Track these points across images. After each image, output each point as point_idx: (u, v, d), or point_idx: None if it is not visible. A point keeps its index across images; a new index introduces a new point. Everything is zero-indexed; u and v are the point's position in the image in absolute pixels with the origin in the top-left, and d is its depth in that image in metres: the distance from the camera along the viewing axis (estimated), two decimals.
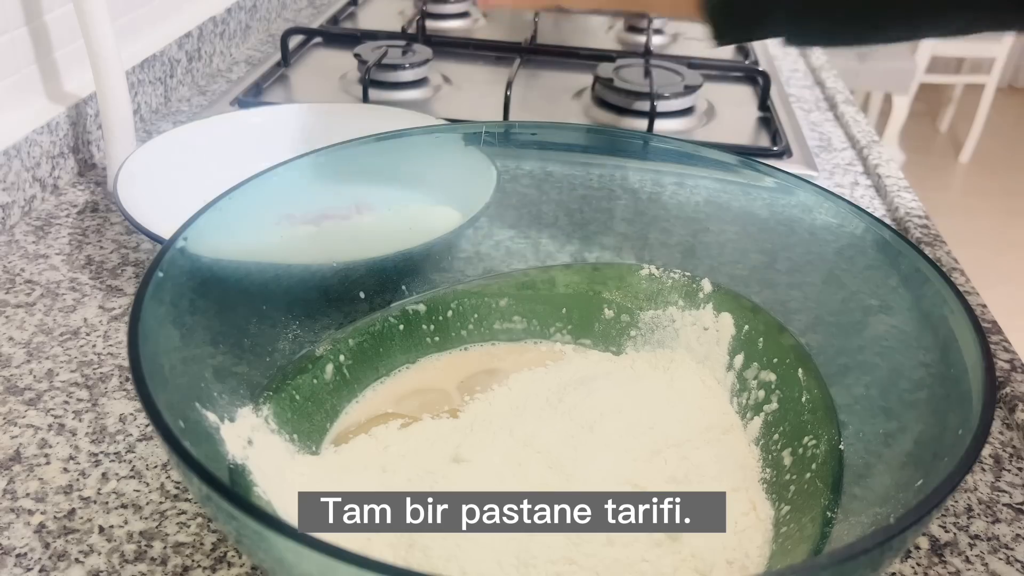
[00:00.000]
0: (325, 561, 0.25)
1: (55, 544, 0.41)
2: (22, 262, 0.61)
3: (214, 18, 0.94)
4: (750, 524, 0.39)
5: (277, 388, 0.43)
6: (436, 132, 0.51)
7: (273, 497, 0.36)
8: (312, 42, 0.98)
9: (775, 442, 0.43)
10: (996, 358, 0.56)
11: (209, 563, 0.40)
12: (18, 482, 0.44)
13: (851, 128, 0.88)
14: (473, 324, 0.51)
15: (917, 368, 0.39)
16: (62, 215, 0.67)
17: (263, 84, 0.87)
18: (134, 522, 0.42)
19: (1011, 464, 0.49)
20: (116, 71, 0.66)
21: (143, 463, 0.45)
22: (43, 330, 0.54)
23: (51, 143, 0.69)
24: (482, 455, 0.41)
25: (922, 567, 0.42)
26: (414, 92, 0.87)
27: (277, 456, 0.40)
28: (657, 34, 1.06)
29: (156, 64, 0.83)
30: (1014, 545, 0.44)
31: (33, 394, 0.49)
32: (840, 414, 0.41)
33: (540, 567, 0.35)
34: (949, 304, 0.37)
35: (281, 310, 0.45)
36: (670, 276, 0.50)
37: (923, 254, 0.39)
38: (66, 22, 0.72)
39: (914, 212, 0.72)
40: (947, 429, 0.33)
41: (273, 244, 0.46)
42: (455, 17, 1.10)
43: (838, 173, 0.80)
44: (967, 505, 0.46)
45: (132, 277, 0.60)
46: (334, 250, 0.48)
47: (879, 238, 0.42)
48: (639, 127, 0.82)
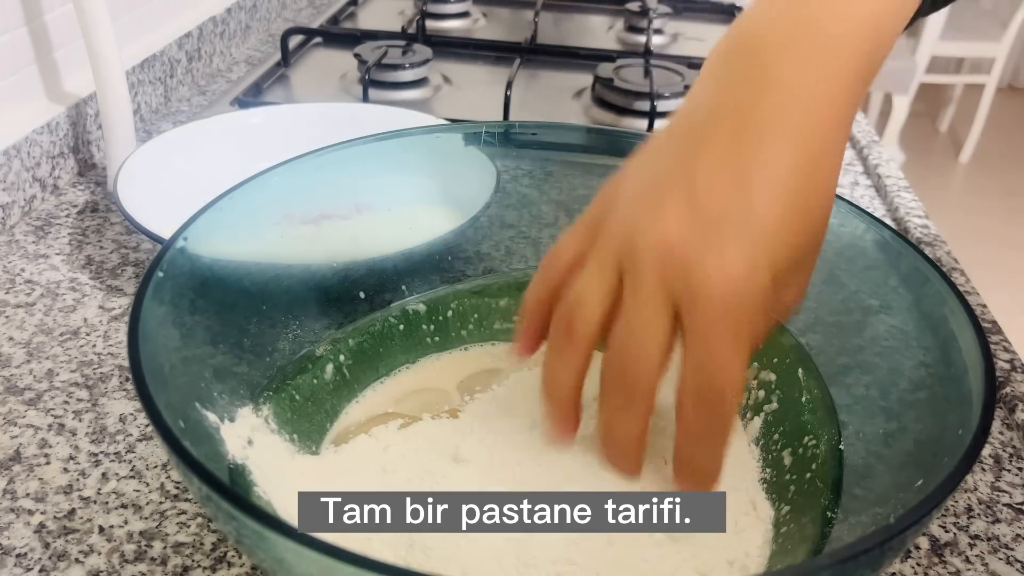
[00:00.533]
0: (325, 561, 0.25)
1: (55, 544, 0.41)
2: (22, 262, 0.61)
3: (214, 18, 0.94)
4: (750, 524, 0.39)
5: (277, 388, 0.43)
6: (436, 132, 0.51)
7: (273, 497, 0.36)
8: (312, 42, 0.98)
9: (775, 442, 0.43)
10: (996, 358, 0.56)
11: (209, 563, 0.40)
12: (18, 482, 0.44)
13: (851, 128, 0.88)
14: (473, 324, 0.51)
15: (917, 368, 0.39)
16: (62, 215, 0.67)
17: (263, 84, 0.87)
18: (134, 522, 0.42)
19: (1011, 464, 0.49)
20: (116, 71, 0.66)
21: (143, 463, 0.45)
22: (43, 330, 0.54)
23: (51, 143, 0.69)
24: (482, 455, 0.41)
25: (922, 567, 0.42)
26: (414, 92, 0.87)
27: (277, 456, 0.40)
28: (657, 34, 1.06)
29: (156, 64, 0.83)
30: (1014, 545, 0.44)
31: (33, 394, 0.49)
32: (840, 414, 0.41)
33: (540, 567, 0.35)
34: (949, 304, 0.37)
35: (281, 310, 0.45)
36: None
37: (923, 254, 0.39)
38: (66, 22, 0.72)
39: (914, 212, 0.72)
40: (947, 429, 0.33)
41: (273, 244, 0.46)
42: (455, 17, 1.10)
43: None
44: (967, 505, 0.46)
45: (132, 277, 0.60)
46: (334, 250, 0.48)
47: (879, 238, 0.42)
48: (639, 127, 0.82)
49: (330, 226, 0.48)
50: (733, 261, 0.30)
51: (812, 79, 0.32)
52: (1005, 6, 2.80)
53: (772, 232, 0.31)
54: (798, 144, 0.31)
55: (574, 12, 1.16)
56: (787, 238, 0.31)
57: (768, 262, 0.30)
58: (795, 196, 0.31)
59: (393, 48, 0.89)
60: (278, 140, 0.67)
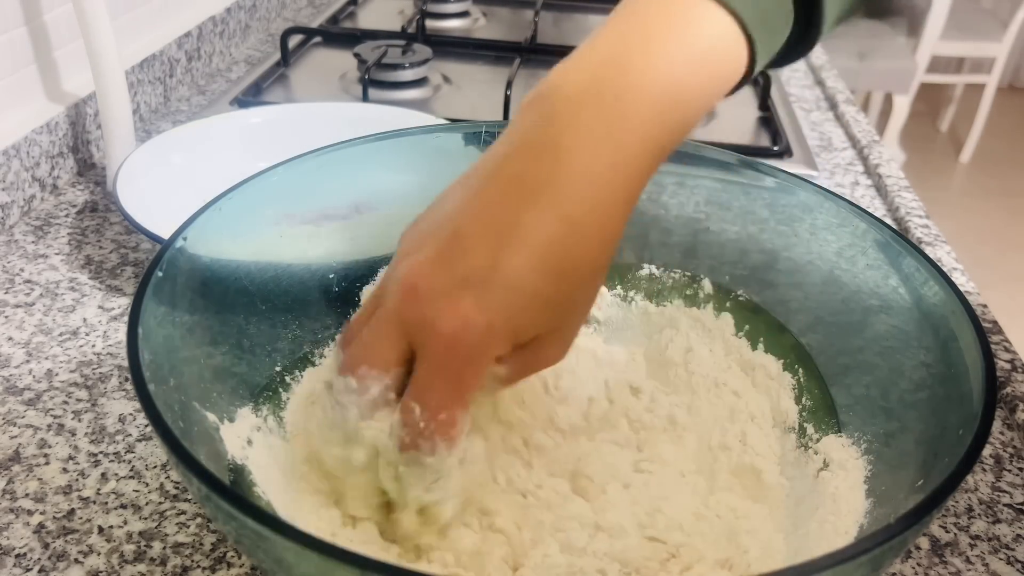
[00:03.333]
0: (325, 561, 0.25)
1: (55, 544, 0.41)
2: (21, 262, 0.61)
3: (214, 18, 0.94)
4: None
5: (277, 388, 0.43)
6: (436, 132, 0.51)
7: (273, 497, 0.36)
8: (312, 42, 0.98)
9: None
10: (996, 358, 0.56)
11: (209, 563, 0.40)
12: (17, 482, 0.44)
13: (851, 128, 0.88)
14: None
15: (917, 368, 0.39)
16: (61, 215, 0.67)
17: (263, 84, 0.87)
18: (133, 522, 0.42)
19: (1011, 464, 0.49)
20: (116, 71, 0.66)
21: (143, 463, 0.45)
22: (42, 330, 0.54)
23: (50, 143, 0.69)
24: (479, 450, 0.41)
25: (923, 567, 0.42)
26: (414, 92, 0.87)
27: (277, 456, 0.40)
28: None
29: (156, 64, 0.83)
30: (1015, 545, 0.44)
31: (32, 394, 0.49)
32: (840, 414, 0.41)
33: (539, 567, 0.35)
34: (949, 304, 0.37)
35: (281, 310, 0.45)
36: (670, 276, 0.50)
37: (923, 254, 0.39)
38: (66, 22, 0.72)
39: (914, 212, 0.72)
40: (947, 429, 0.33)
41: (273, 244, 0.46)
42: (455, 17, 1.09)
43: (838, 173, 0.80)
44: (968, 505, 0.46)
45: (131, 277, 0.60)
46: (334, 250, 0.48)
47: (879, 238, 0.42)
48: None
49: (330, 226, 0.48)
50: (463, 313, 0.31)
51: (593, 147, 0.32)
52: (1005, 6, 2.80)
53: (515, 294, 0.31)
54: (562, 213, 0.31)
55: (574, 12, 1.16)
56: (533, 302, 0.32)
57: (504, 320, 0.31)
58: (548, 262, 0.31)
59: (393, 48, 0.89)
60: (278, 140, 0.67)
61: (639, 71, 0.32)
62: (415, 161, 0.50)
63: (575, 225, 0.32)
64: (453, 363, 0.32)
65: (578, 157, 0.32)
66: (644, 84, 0.32)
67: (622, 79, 0.32)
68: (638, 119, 0.32)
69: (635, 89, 0.32)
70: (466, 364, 0.32)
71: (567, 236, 0.32)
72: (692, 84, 0.33)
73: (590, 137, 0.32)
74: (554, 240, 0.31)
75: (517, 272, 0.31)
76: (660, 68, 0.32)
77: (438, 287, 0.32)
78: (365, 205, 0.49)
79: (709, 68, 0.33)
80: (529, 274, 0.31)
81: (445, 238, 0.32)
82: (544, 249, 0.31)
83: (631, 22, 0.33)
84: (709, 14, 0.33)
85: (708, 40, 0.33)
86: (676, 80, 0.32)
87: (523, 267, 0.31)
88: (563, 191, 0.32)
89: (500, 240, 0.31)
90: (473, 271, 0.31)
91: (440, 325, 0.31)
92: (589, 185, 0.32)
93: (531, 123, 0.33)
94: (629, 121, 0.32)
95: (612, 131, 0.32)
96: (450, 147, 0.51)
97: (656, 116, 0.32)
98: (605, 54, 0.33)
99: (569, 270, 0.32)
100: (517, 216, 0.32)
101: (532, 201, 0.32)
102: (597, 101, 0.32)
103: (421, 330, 0.32)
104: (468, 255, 0.32)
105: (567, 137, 0.32)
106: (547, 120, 0.33)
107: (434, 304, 0.32)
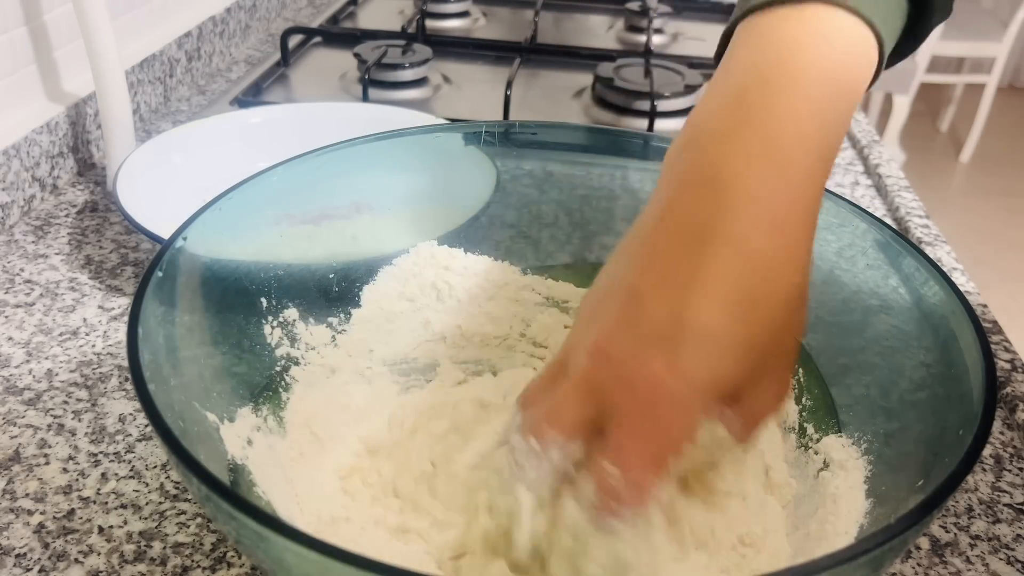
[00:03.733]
0: (325, 561, 0.25)
1: (55, 544, 0.41)
2: (21, 262, 0.61)
3: (214, 18, 0.94)
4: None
5: (277, 388, 0.43)
6: (436, 132, 0.51)
7: (273, 497, 0.36)
8: (312, 42, 0.98)
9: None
10: (996, 358, 0.56)
11: (209, 563, 0.40)
12: (17, 482, 0.44)
13: (851, 127, 0.88)
14: None
15: (917, 368, 0.39)
16: (61, 215, 0.67)
17: (263, 84, 0.86)
18: (134, 522, 0.42)
19: (1012, 464, 0.49)
20: (116, 71, 0.66)
21: (143, 463, 0.45)
22: (42, 330, 0.54)
23: (50, 143, 0.69)
24: (478, 445, 0.42)
25: (923, 567, 0.42)
26: (414, 92, 0.87)
27: (277, 456, 0.40)
28: (657, 34, 1.06)
29: (156, 64, 0.83)
30: (1015, 545, 0.44)
31: (32, 394, 0.49)
32: (840, 414, 0.41)
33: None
34: (949, 304, 0.37)
35: (281, 310, 0.45)
36: None
37: (923, 254, 0.39)
38: (66, 22, 0.72)
39: (914, 212, 0.72)
40: (947, 429, 0.33)
41: (273, 244, 0.46)
42: (455, 17, 1.09)
43: (838, 173, 0.80)
44: (968, 505, 0.46)
45: (131, 277, 0.60)
46: (334, 250, 0.48)
47: (879, 238, 0.42)
48: (639, 127, 0.82)
49: (330, 226, 0.48)
50: (656, 372, 0.29)
51: (754, 169, 0.30)
52: (1005, 6, 2.80)
53: (707, 343, 0.30)
54: (737, 246, 0.30)
55: (574, 12, 1.16)
56: (730, 348, 0.30)
57: (702, 373, 0.30)
58: (734, 301, 0.30)
59: (393, 48, 0.89)
60: (277, 140, 0.67)
61: (780, 87, 0.31)
62: (415, 161, 0.50)
63: (754, 254, 0.30)
64: (649, 424, 0.30)
65: (741, 183, 0.30)
66: (793, 95, 0.31)
67: (767, 98, 0.31)
68: (793, 128, 0.30)
69: (783, 102, 0.30)
70: (665, 424, 0.30)
71: (748, 268, 0.30)
72: (836, 87, 0.31)
73: (748, 160, 0.30)
74: (735, 276, 0.30)
75: (703, 320, 0.29)
76: (809, 75, 0.31)
77: (627, 349, 0.30)
78: (365, 205, 0.49)
79: (847, 72, 0.32)
80: (718, 318, 0.29)
81: (622, 299, 0.31)
82: (726, 288, 0.30)
83: (755, 47, 0.32)
84: (838, 21, 0.32)
85: (844, 45, 0.32)
86: (826, 79, 0.31)
87: (708, 313, 0.29)
88: (733, 222, 0.30)
89: (677, 289, 0.30)
90: (657, 327, 0.30)
91: (636, 386, 0.30)
92: (760, 209, 0.30)
93: (683, 170, 0.32)
94: (785, 135, 0.30)
95: (768, 149, 0.30)
96: (450, 147, 0.51)
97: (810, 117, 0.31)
98: (741, 80, 0.32)
99: (760, 303, 0.30)
100: (689, 260, 0.30)
101: (701, 241, 0.30)
102: (746, 124, 0.30)
103: (613, 393, 0.30)
104: (649, 312, 0.30)
105: (725, 169, 0.30)
106: (699, 160, 0.31)
107: (625, 365, 0.30)
